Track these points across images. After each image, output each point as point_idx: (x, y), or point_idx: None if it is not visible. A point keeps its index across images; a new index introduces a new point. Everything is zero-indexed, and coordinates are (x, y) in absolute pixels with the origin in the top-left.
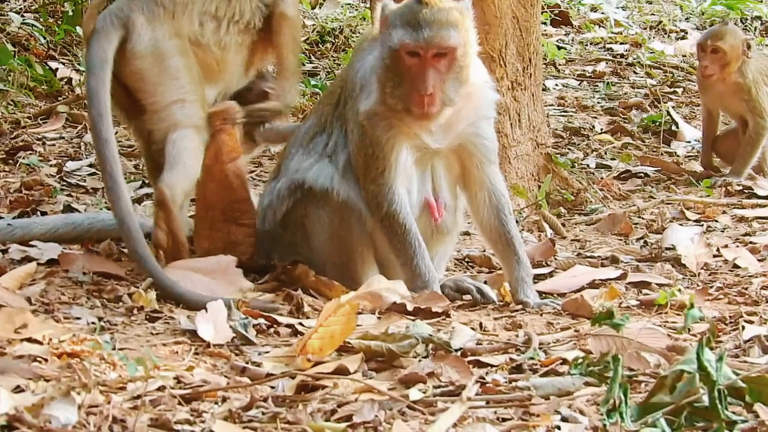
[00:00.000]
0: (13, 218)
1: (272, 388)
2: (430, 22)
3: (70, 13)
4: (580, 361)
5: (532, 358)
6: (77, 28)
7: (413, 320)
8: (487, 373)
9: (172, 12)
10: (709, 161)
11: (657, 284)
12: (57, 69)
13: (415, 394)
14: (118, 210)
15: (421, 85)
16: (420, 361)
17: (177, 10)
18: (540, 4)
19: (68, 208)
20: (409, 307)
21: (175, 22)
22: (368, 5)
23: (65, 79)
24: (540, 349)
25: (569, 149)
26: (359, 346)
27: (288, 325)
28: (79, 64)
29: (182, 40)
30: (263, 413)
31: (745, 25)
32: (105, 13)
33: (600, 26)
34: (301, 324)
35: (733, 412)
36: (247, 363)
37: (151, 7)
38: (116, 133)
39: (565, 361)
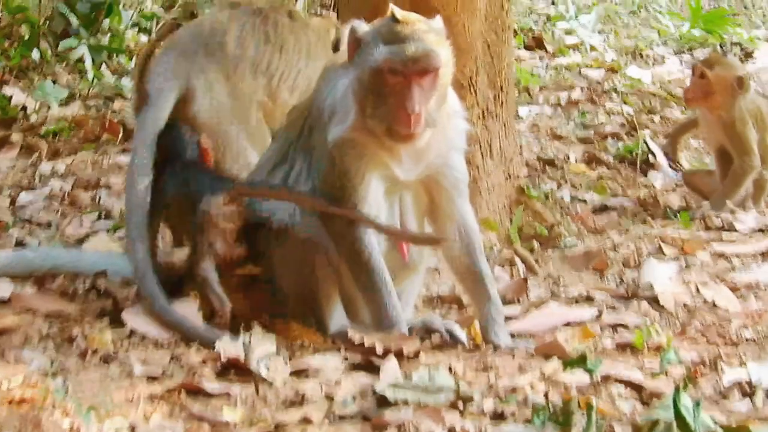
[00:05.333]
0: None
1: None
2: (413, 40)
3: (26, 37)
4: (541, 408)
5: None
6: (33, 52)
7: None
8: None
9: (227, 71)
10: (674, 150)
11: (633, 324)
12: (11, 96)
13: None
14: (135, 262)
15: (408, 103)
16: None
17: (230, 69)
18: (512, 29)
19: (21, 243)
20: (379, 350)
21: (229, 81)
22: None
23: (20, 106)
24: (513, 393)
25: (543, 180)
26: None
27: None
28: (34, 90)
29: (240, 101)
30: None
31: (725, 51)
32: (162, 71)
33: (575, 51)
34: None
35: None
36: (206, 409)
37: (207, 67)
38: (71, 162)
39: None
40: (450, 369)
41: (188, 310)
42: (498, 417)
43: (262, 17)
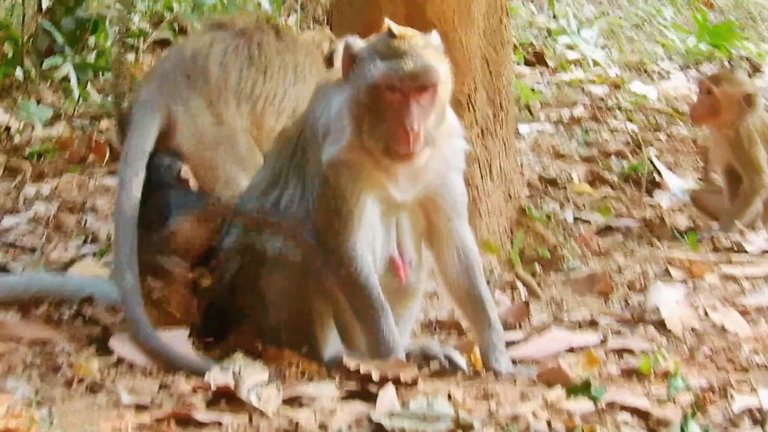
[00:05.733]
0: None
1: None
2: (411, 55)
3: (9, 56)
4: None
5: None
6: (17, 69)
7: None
8: None
9: (209, 98)
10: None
11: (639, 350)
12: None
13: None
14: (122, 290)
15: (407, 120)
16: None
17: (212, 94)
18: (511, 44)
19: (3, 269)
20: (375, 377)
21: (212, 108)
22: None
23: (4, 127)
24: (515, 422)
25: (544, 201)
26: None
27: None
28: (18, 109)
29: (223, 126)
30: None
31: (733, 66)
32: (143, 101)
33: (577, 66)
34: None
35: None
36: None
37: (189, 96)
38: (56, 187)
39: None
40: (449, 396)
41: (177, 339)
42: None
43: (246, 38)
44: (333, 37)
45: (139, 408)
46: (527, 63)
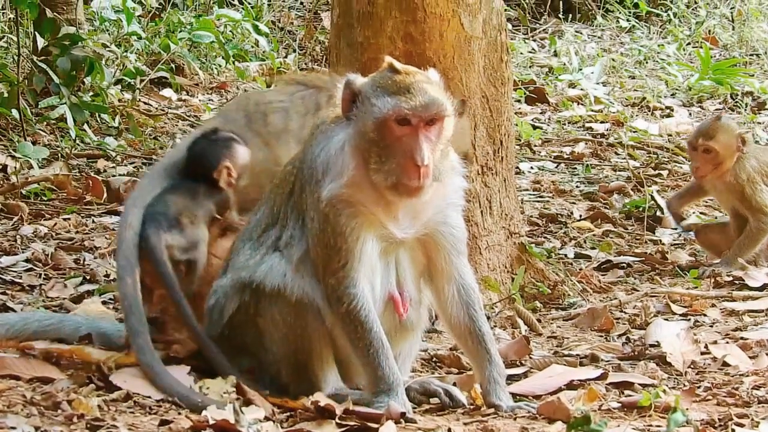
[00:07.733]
0: None
1: None
2: (418, 89)
3: (5, 95)
4: None
5: None
6: (12, 111)
7: None
8: None
9: (267, 141)
10: (678, 209)
11: (640, 384)
12: None
13: None
14: (123, 296)
15: (417, 154)
16: None
17: (271, 139)
18: (511, 81)
19: (3, 307)
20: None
21: (270, 150)
22: None
23: (0, 167)
24: None
25: (545, 238)
26: None
27: None
28: (14, 150)
29: (278, 165)
30: None
31: (736, 101)
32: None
33: (579, 103)
34: None
35: None
36: None
37: (246, 134)
38: (54, 224)
39: None
40: None
41: (178, 375)
42: None
43: (318, 89)
44: None
45: None
46: (529, 101)
